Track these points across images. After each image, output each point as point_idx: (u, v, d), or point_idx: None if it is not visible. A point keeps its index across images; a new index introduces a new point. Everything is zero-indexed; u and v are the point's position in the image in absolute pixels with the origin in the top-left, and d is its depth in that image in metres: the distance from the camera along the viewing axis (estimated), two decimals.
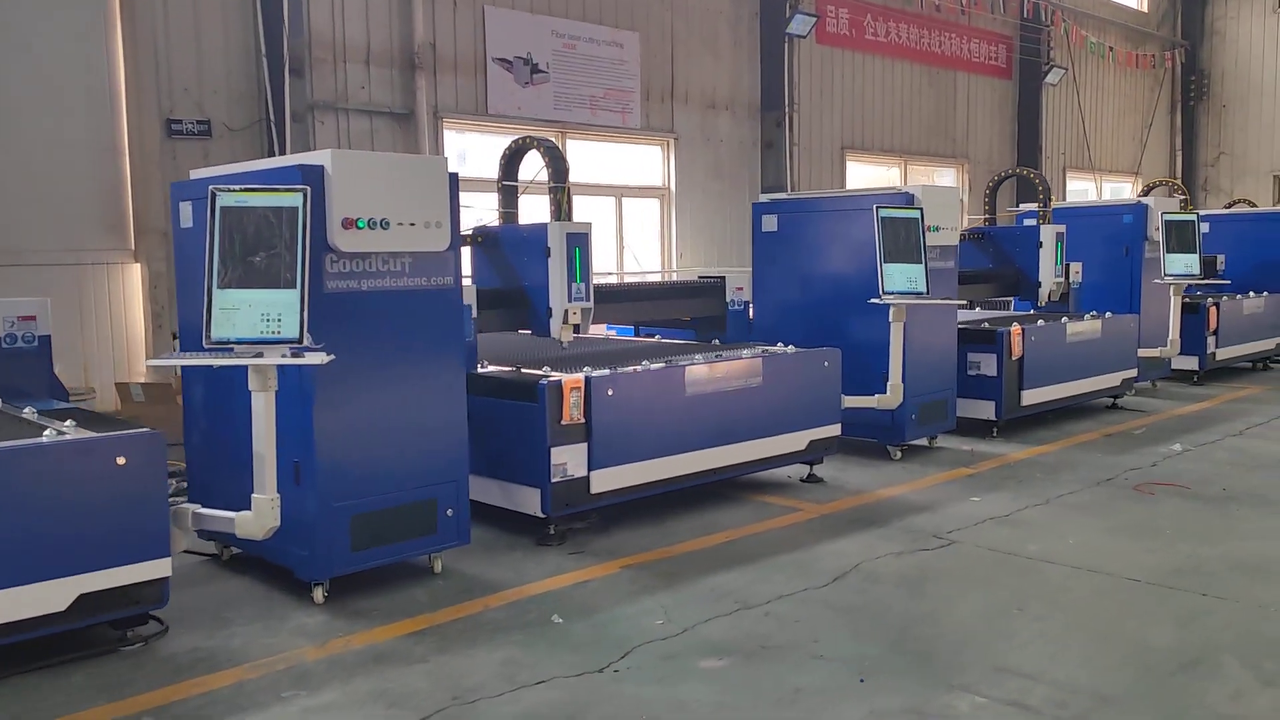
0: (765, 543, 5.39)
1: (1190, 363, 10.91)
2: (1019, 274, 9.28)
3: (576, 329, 6.06)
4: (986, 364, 8.10)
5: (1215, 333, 10.91)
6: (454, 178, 4.73)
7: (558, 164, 6.08)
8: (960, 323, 8.47)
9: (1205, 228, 13.27)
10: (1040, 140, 19.64)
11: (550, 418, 5.19)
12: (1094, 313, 9.30)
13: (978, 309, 10.16)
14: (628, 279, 12.82)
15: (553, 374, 5.37)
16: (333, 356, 3.92)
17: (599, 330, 8.18)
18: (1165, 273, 9.56)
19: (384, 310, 4.54)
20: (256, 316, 3.89)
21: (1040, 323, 8.52)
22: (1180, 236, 9.62)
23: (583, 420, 5.29)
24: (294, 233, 3.91)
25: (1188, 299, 11.34)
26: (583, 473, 5.34)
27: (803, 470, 6.80)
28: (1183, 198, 12.11)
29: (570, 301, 5.89)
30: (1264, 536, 5.45)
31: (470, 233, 6.38)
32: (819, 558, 5.12)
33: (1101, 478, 6.77)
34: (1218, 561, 5.00)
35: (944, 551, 5.22)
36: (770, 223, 7.95)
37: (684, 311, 7.18)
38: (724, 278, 6.98)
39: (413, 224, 4.52)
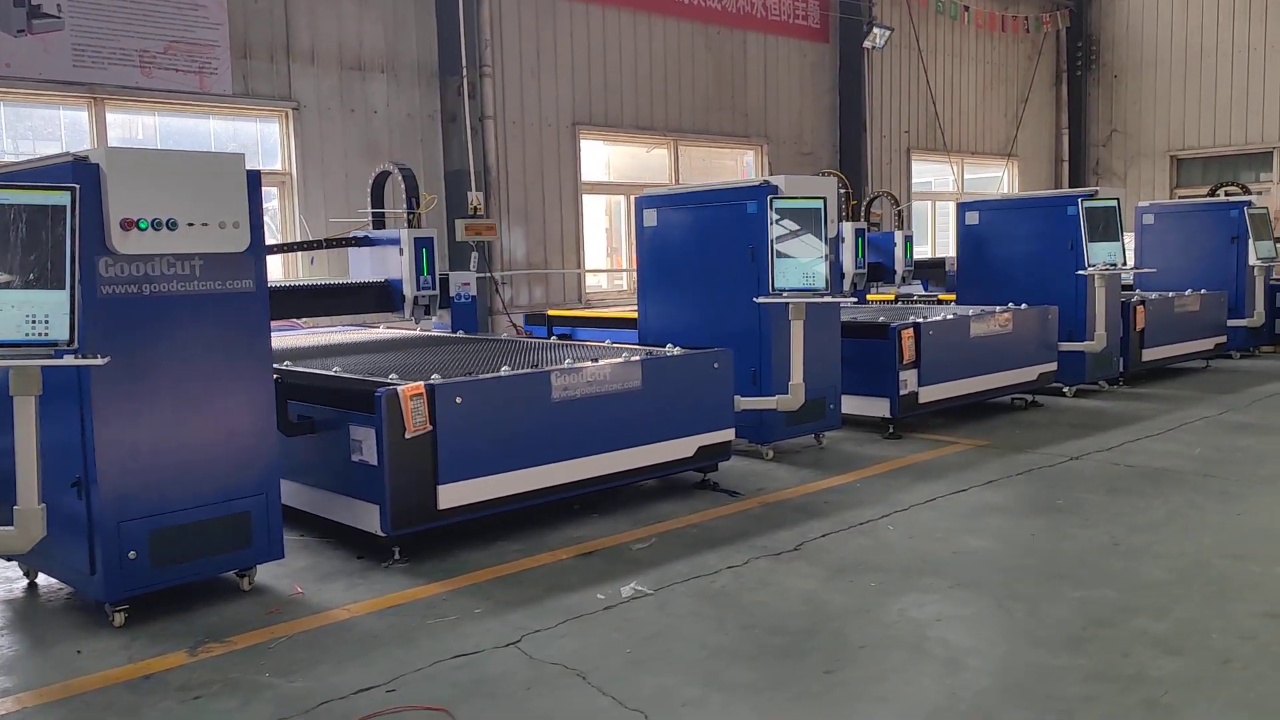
0: None
1: (881, 408, 7.74)
2: (385, 286, 6.28)
3: None
4: (368, 445, 4.93)
5: (915, 365, 7.71)
6: None
7: None
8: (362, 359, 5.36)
9: (972, 218, 10.21)
10: (864, 116, 16.42)
11: None
12: (666, 347, 6.17)
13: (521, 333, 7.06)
14: None
15: None
16: None
17: None
18: (772, 286, 6.42)
19: None
20: None
21: (503, 372, 5.33)
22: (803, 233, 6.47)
23: None
24: None
25: (918, 317, 8.17)
26: None
27: None
28: (842, 187, 8.94)
29: None
30: None
31: None
32: None
33: (347, 690, 3.58)
34: None
35: None
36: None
37: None
38: None
39: None
